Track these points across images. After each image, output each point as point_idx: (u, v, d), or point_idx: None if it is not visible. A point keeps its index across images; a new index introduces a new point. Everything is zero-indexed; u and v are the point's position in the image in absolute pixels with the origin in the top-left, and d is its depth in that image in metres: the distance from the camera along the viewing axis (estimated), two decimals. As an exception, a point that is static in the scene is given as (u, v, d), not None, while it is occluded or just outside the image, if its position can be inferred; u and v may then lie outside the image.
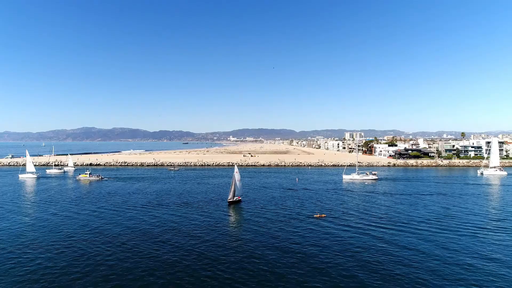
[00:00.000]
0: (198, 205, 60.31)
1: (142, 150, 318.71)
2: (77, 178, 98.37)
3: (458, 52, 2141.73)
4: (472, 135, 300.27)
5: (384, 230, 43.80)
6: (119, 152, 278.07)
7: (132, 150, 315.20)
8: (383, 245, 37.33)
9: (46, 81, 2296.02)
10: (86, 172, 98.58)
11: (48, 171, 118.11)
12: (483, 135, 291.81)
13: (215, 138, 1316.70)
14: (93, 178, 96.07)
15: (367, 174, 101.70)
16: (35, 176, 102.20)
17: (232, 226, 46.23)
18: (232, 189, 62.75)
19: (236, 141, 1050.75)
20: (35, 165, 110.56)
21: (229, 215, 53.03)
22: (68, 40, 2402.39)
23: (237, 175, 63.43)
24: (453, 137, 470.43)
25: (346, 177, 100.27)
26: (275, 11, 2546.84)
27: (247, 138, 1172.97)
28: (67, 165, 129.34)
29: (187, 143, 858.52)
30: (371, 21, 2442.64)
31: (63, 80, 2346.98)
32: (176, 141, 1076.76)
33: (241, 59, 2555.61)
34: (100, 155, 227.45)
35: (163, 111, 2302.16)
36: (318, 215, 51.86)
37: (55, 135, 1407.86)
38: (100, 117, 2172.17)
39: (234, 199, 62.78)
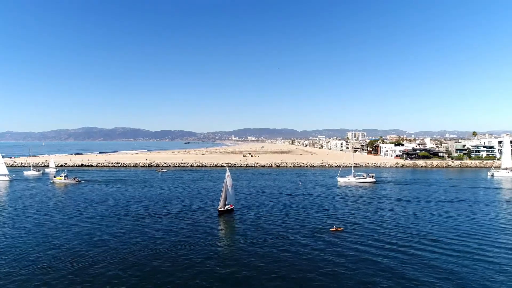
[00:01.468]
0: (182, 216, 50.98)
1: (144, 150, 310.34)
2: (52, 181, 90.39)
3: (458, 52, 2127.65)
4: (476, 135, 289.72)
5: (416, 253, 34.47)
6: (115, 152, 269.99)
7: (131, 150, 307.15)
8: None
9: (47, 81, 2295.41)
10: (61, 175, 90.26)
11: (25, 172, 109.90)
12: (487, 135, 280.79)
13: (216, 138, 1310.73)
14: (69, 181, 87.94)
15: (363, 176, 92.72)
16: (7, 178, 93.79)
17: (220, 251, 36.10)
18: (223, 196, 53.86)
19: (238, 140, 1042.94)
20: (20, 166, 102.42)
21: (218, 232, 43.47)
22: (68, 40, 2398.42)
23: (228, 180, 54.55)
24: (455, 136, 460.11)
25: (341, 180, 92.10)
26: (275, 11, 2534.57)
27: (249, 138, 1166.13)
28: (48, 166, 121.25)
29: (188, 142, 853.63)
30: (371, 21, 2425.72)
31: (64, 80, 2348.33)
32: (177, 141, 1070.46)
33: (241, 59, 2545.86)
34: (94, 155, 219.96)
35: (164, 111, 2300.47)
36: (334, 229, 42.93)
37: (57, 134, 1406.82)
38: (101, 117, 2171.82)
39: (226, 207, 53.93)
